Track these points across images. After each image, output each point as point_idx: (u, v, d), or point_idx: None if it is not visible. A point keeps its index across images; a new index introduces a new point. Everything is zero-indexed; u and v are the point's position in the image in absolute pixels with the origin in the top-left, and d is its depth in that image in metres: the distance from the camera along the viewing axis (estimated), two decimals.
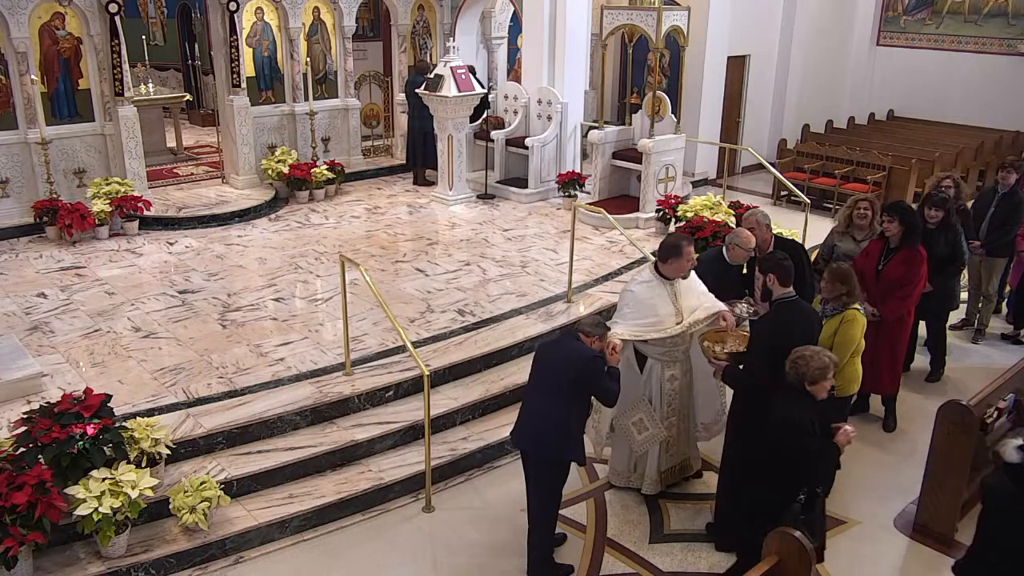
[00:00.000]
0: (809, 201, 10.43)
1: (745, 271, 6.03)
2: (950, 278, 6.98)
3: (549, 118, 11.16)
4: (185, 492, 4.95)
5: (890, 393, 6.57)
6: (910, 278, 6.10)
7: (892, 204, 6.37)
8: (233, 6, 10.39)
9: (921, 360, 7.45)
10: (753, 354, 4.84)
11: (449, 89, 10.27)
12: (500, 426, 6.28)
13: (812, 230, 9.13)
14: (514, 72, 14.10)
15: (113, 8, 9.32)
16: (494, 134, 11.38)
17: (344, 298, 6.29)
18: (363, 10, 13.23)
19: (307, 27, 11.46)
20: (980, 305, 8.20)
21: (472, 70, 12.51)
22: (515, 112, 11.60)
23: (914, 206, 7.54)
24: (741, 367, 4.93)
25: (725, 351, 5.08)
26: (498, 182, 11.38)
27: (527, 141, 11.06)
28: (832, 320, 5.25)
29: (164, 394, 5.96)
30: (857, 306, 5.29)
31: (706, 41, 12.50)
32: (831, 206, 12.08)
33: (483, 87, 12.15)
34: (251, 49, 11.04)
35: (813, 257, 7.15)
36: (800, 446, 4.25)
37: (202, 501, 4.90)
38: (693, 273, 5.38)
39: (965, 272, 7.67)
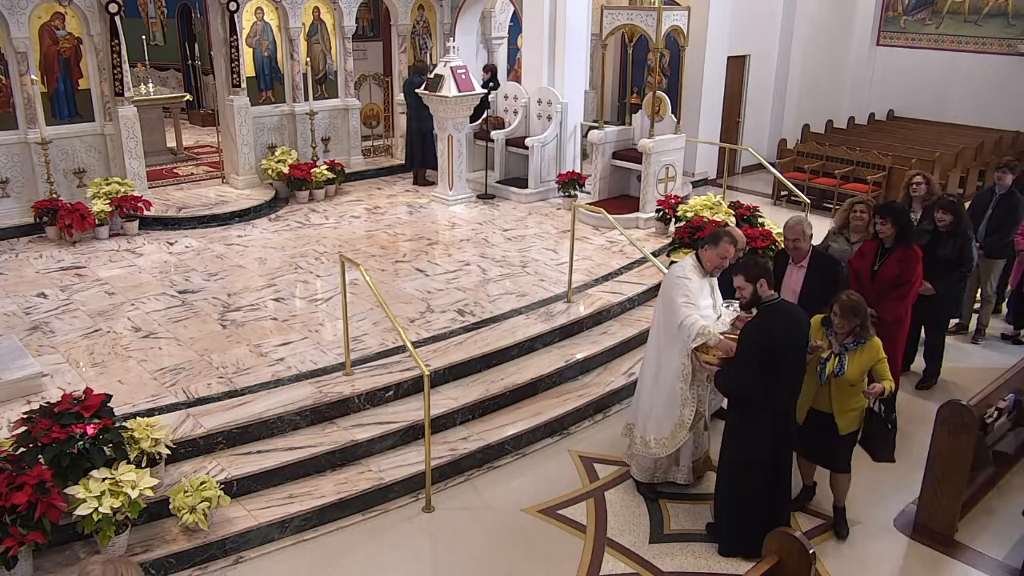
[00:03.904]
0: (809, 201, 10.45)
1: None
2: (955, 283, 6.95)
3: (549, 118, 11.16)
4: (185, 492, 4.94)
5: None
6: (906, 278, 6.09)
7: (884, 205, 6.36)
8: (233, 6, 10.39)
9: (922, 361, 7.43)
10: (741, 358, 4.83)
11: (449, 89, 10.27)
12: (500, 426, 6.29)
13: (812, 231, 9.12)
14: (514, 72, 14.11)
15: (113, 8, 9.32)
16: (494, 134, 11.38)
17: (344, 298, 6.29)
18: (363, 10, 13.23)
19: (307, 27, 11.46)
20: (978, 307, 8.20)
21: (494, 70, 12.57)
22: (515, 112, 11.60)
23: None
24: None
25: (717, 356, 5.07)
26: (498, 182, 11.38)
27: (527, 141, 11.06)
28: (861, 355, 5.01)
29: (164, 394, 5.96)
30: (872, 332, 5.12)
31: (706, 41, 12.51)
32: (831, 206, 12.09)
33: (492, 86, 12.19)
34: (251, 49, 11.04)
35: None
36: None
37: (202, 501, 4.89)
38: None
39: None
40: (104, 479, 4.68)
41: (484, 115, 11.73)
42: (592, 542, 5.29)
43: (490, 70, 12.67)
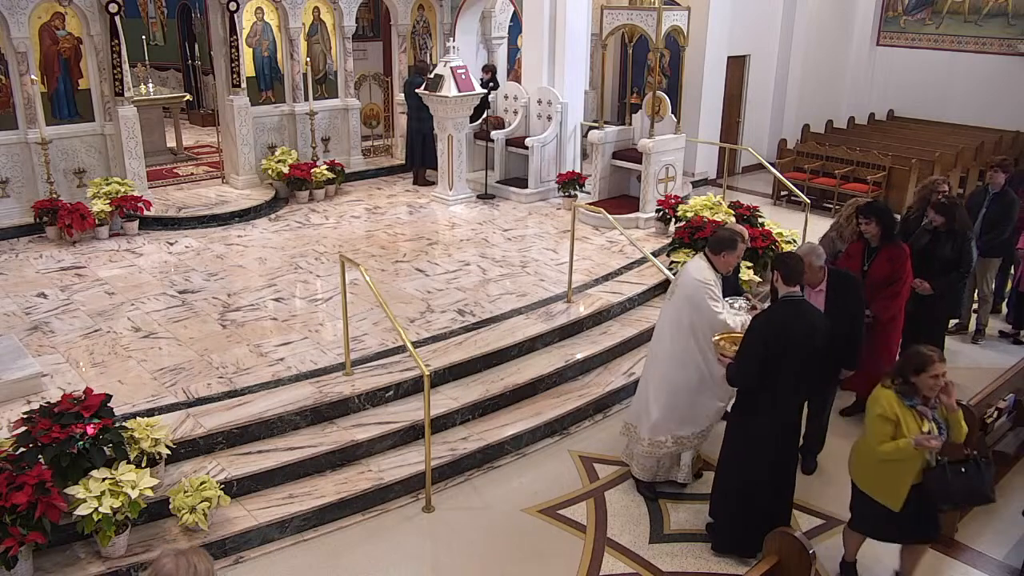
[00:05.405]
0: (809, 201, 10.44)
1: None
2: (954, 283, 6.94)
3: (549, 118, 11.16)
4: (185, 492, 4.94)
5: None
6: (898, 275, 6.11)
7: (867, 205, 6.33)
8: (233, 6, 10.39)
9: None
10: (745, 346, 4.82)
11: (449, 89, 10.26)
12: (500, 426, 6.29)
13: (812, 230, 9.13)
14: (514, 72, 14.11)
15: (113, 8, 9.32)
16: (494, 134, 11.38)
17: (344, 298, 6.29)
18: (363, 10, 13.23)
19: (307, 27, 11.46)
20: (976, 307, 8.20)
21: (494, 70, 12.59)
22: (515, 112, 11.60)
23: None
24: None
25: (733, 349, 5.06)
26: (498, 182, 11.38)
27: (527, 141, 11.06)
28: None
29: (164, 394, 5.96)
30: None
31: (706, 41, 12.51)
32: (831, 206, 12.09)
33: (492, 86, 12.19)
34: (251, 49, 11.04)
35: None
36: None
37: (202, 501, 4.90)
38: None
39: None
40: (104, 479, 4.68)
41: (484, 115, 11.73)
42: (592, 542, 5.29)
43: (490, 70, 12.68)
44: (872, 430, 4.39)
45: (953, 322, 8.06)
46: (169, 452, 5.17)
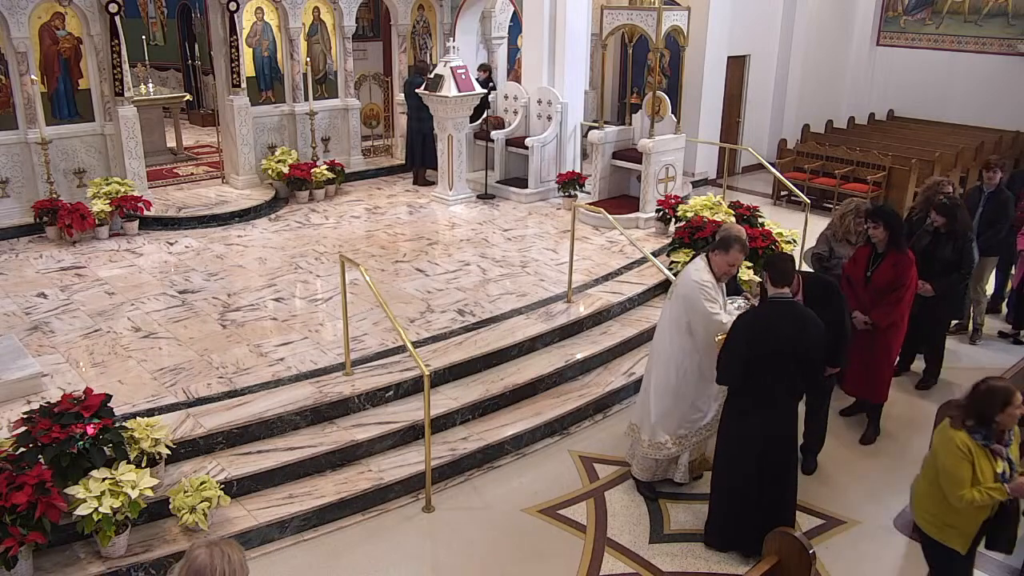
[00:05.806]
0: (809, 201, 10.44)
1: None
2: (955, 284, 6.94)
3: (549, 118, 11.16)
4: (185, 492, 4.94)
5: (881, 401, 6.51)
6: (901, 281, 6.07)
7: (876, 209, 6.29)
8: (233, 6, 10.39)
9: (921, 361, 7.43)
10: (727, 345, 4.80)
11: (449, 89, 10.27)
12: (500, 426, 6.29)
13: (812, 230, 9.12)
14: (514, 72, 14.12)
15: (113, 8, 9.32)
16: (494, 134, 11.38)
17: (344, 298, 6.29)
18: (363, 10, 13.23)
19: (307, 27, 11.46)
20: (973, 307, 8.21)
21: (490, 70, 12.63)
22: (515, 112, 11.60)
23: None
24: None
25: None
26: (498, 182, 11.38)
27: (527, 141, 11.06)
28: (1018, 436, 4.28)
29: (164, 394, 5.96)
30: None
31: (706, 41, 12.52)
32: (831, 206, 12.09)
33: (490, 86, 12.20)
34: (251, 49, 11.05)
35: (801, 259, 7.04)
36: None
37: (202, 501, 4.90)
38: None
39: None
40: (104, 479, 4.68)
41: (484, 115, 11.73)
42: (592, 542, 5.29)
43: (486, 70, 12.68)
44: (951, 474, 4.08)
45: (953, 322, 8.06)
46: (169, 452, 5.17)
